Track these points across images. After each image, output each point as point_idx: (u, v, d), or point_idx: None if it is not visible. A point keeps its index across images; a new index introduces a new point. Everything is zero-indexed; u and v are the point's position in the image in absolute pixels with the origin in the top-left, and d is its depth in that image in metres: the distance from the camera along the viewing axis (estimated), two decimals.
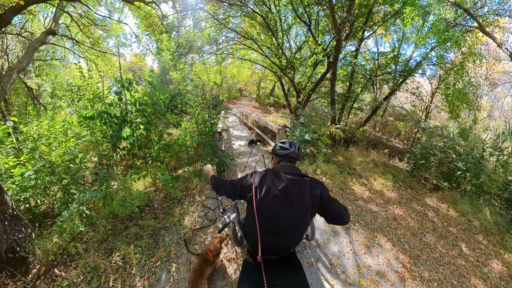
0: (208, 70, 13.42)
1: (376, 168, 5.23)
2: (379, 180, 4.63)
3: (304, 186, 1.23)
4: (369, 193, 3.99)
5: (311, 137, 4.56)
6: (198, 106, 3.73)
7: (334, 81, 6.70)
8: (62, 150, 4.03)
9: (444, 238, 3.17)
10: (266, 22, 7.21)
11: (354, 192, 3.94)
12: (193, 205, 3.12)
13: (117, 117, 3.11)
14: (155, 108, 3.23)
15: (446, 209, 4.09)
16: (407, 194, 4.36)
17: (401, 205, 3.85)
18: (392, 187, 4.49)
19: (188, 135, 3.61)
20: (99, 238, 2.69)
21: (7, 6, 3.80)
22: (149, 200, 3.37)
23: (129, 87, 3.33)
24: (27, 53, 6.11)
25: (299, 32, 11.09)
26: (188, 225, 2.70)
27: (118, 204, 2.86)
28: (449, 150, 5.41)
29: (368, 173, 4.86)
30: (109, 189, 2.91)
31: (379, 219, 3.26)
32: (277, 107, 21.30)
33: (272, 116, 16.78)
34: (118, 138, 2.83)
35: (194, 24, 8.45)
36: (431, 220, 3.61)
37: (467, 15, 7.61)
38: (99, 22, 9.34)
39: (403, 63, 9.34)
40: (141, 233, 2.65)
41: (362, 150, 6.90)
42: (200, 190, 3.52)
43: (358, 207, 3.50)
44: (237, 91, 29.55)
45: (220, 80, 18.05)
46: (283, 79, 10.69)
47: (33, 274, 2.12)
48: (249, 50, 10.44)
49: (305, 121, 5.56)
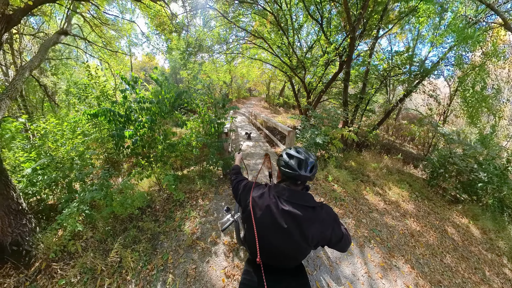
0: (218, 70, 13.38)
1: (391, 176, 4.92)
2: (394, 189, 4.33)
3: (311, 227, 0.98)
4: (384, 204, 3.72)
5: (322, 140, 4.33)
6: (205, 105, 3.60)
7: (348, 81, 6.40)
8: (69, 147, 4.05)
9: (466, 260, 2.88)
10: (277, 20, 7.01)
11: (368, 203, 3.68)
12: (195, 209, 2.98)
13: (121, 116, 3.04)
14: (160, 107, 3.13)
15: (467, 225, 3.77)
16: (424, 206, 4.05)
17: (419, 219, 3.56)
18: (409, 197, 4.19)
19: (194, 135, 3.48)
20: (98, 238, 2.64)
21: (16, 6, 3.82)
22: (151, 201, 3.27)
23: (134, 85, 3.26)
24: (39, 52, 6.21)
25: (310, 31, 10.82)
26: (188, 231, 2.56)
27: (118, 205, 2.79)
28: (470, 159, 4.99)
29: (382, 180, 4.57)
30: (109, 190, 2.83)
31: (396, 235, 3.00)
32: (286, 107, 21.01)
33: (281, 116, 16.56)
34: (120, 137, 2.73)
35: (204, 23, 8.39)
36: (450, 237, 3.32)
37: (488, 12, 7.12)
38: (110, 22, 9.48)
39: (419, 63, 8.86)
40: (140, 237, 2.54)
41: (375, 155, 6.57)
42: (204, 194, 3.38)
43: (373, 220, 3.24)
44: (247, 90, 29.47)
45: (230, 80, 17.99)
46: (293, 79, 10.45)
47: (35, 267, 2.14)
48: (259, 49, 10.28)
49: (316, 122, 5.33)
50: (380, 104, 11.24)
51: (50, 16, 9.60)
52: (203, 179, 3.61)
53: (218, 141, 3.64)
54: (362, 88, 7.36)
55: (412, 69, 8.58)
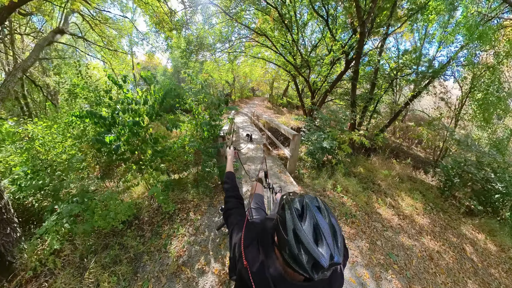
0: (220, 69, 13.08)
1: (402, 184, 4.54)
2: (407, 200, 3.97)
3: None
4: (398, 219, 3.36)
5: (330, 145, 3.95)
6: (199, 105, 3.27)
7: (356, 80, 5.99)
8: (59, 150, 3.82)
9: (488, 286, 2.53)
10: (280, 16, 6.65)
11: (381, 218, 3.33)
12: (185, 224, 2.67)
13: (104, 118, 2.74)
14: (147, 108, 2.83)
15: (484, 241, 3.42)
16: (440, 220, 3.68)
17: (436, 236, 3.21)
18: (423, 210, 3.82)
19: (187, 139, 3.17)
20: (79, 254, 2.39)
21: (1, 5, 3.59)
22: (140, 211, 2.98)
23: (122, 84, 2.98)
24: (33, 52, 6.02)
25: (315, 30, 10.44)
26: (174, 253, 2.24)
27: (100, 219, 2.51)
28: (486, 168, 4.56)
29: (394, 190, 4.20)
30: (90, 202, 2.54)
31: (414, 260, 2.63)
32: (290, 107, 20.59)
33: (284, 117, 16.18)
34: (100, 142, 2.44)
35: (205, 19, 8.08)
36: (470, 257, 2.97)
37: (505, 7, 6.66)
38: (110, 21, 9.28)
39: (427, 63, 8.39)
40: (122, 256, 2.24)
41: (384, 159, 6.16)
42: (197, 205, 3.06)
43: (388, 241, 2.88)
44: (250, 90, 29.13)
45: (232, 79, 17.68)
46: (297, 78, 10.09)
47: (17, 281, 1.98)
48: (262, 47, 9.95)
49: (322, 124, 4.96)
50: (385, 105, 10.75)
51: (51, 16, 9.46)
52: (197, 188, 3.29)
53: (213, 146, 3.30)
54: (370, 88, 6.93)
55: (420, 70, 8.15)
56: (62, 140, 4.01)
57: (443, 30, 9.13)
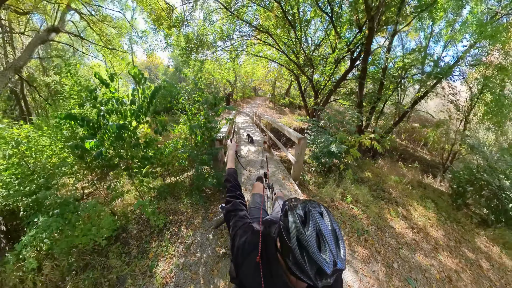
0: (221, 68, 12.79)
1: (413, 190, 4.22)
2: (420, 210, 3.67)
3: None
4: (412, 233, 3.05)
5: (338, 149, 3.63)
6: (193, 105, 2.97)
7: (364, 79, 5.60)
8: (48, 153, 3.60)
9: None
10: (284, 11, 6.33)
11: (395, 233, 3.02)
12: (175, 241, 2.38)
13: (87, 121, 2.48)
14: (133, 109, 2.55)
15: (499, 255, 3.17)
16: (453, 232, 3.40)
17: (452, 252, 2.94)
18: (436, 221, 3.52)
19: (180, 142, 2.89)
20: (59, 273, 2.15)
21: None
22: (128, 222, 2.71)
23: (109, 83, 2.71)
24: (25, 51, 5.81)
25: (318, 28, 10.11)
26: (159, 279, 1.95)
27: (81, 234, 2.26)
28: (501, 175, 4.24)
29: (405, 198, 3.88)
30: (70, 216, 2.28)
31: (434, 284, 2.33)
32: (292, 108, 20.25)
33: (287, 117, 15.87)
34: (79, 148, 2.17)
35: (205, 16, 7.79)
36: (487, 275, 2.71)
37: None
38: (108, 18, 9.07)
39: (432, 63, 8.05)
40: (103, 279, 1.98)
41: (391, 163, 5.84)
42: (190, 218, 2.76)
43: (404, 261, 2.57)
44: (252, 90, 28.82)
45: (234, 78, 17.37)
46: (300, 78, 9.78)
47: None
48: (264, 46, 9.66)
49: (328, 125, 4.64)
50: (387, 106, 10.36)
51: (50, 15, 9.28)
52: (190, 197, 3.01)
53: (207, 151, 3.00)
54: (379, 87, 6.57)
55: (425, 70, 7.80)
56: (51, 144, 3.78)
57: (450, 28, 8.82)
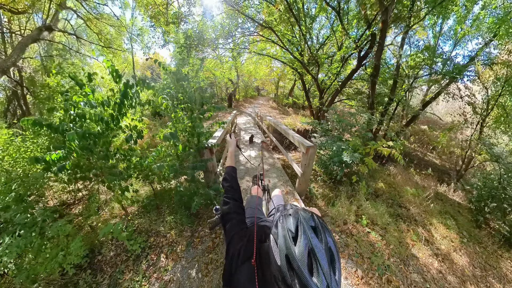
0: (223, 66, 12.39)
1: (431, 203, 3.74)
2: (441, 230, 3.20)
3: None
4: (437, 263, 2.58)
5: (351, 159, 3.12)
6: (177, 107, 2.53)
7: (377, 77, 5.07)
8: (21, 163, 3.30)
9: None
10: (288, 4, 5.89)
11: (419, 264, 2.54)
12: (151, 275, 1.97)
13: (55, 128, 2.11)
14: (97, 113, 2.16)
15: None
16: (478, 257, 2.94)
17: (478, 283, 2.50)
18: (459, 242, 3.07)
19: (163, 152, 2.50)
20: None
21: None
22: (104, 243, 2.34)
23: (83, 84, 2.34)
24: (14, 51, 5.54)
25: (324, 25, 9.64)
26: None
27: (46, 261, 1.91)
28: None
29: (424, 214, 3.41)
30: (35, 239, 1.93)
31: None
32: (295, 108, 19.77)
33: (290, 118, 15.39)
34: (37, 162, 1.81)
35: (204, 10, 7.42)
36: None
37: None
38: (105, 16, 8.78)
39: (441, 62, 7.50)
40: None
41: (403, 170, 5.35)
42: (172, 243, 2.31)
43: None
44: (255, 90, 28.36)
45: (236, 77, 16.95)
46: (304, 77, 9.34)
47: None
48: (267, 43, 9.23)
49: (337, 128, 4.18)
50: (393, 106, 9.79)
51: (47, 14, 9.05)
52: (175, 215, 2.58)
53: (192, 164, 2.49)
54: (392, 87, 6.05)
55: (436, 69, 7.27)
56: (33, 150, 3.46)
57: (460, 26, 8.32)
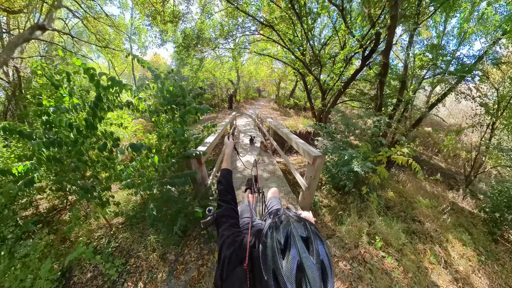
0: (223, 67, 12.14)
1: (444, 216, 3.43)
2: (457, 247, 2.90)
3: None
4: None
5: (362, 169, 2.79)
6: (161, 110, 2.21)
7: (385, 76, 4.75)
8: None
9: None
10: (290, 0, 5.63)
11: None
12: None
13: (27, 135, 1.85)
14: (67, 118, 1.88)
15: None
16: (497, 278, 2.63)
17: None
18: (477, 262, 2.78)
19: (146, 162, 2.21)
20: None
21: None
22: (82, 263, 2.08)
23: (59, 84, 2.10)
24: (3, 51, 5.34)
25: (327, 24, 9.37)
26: None
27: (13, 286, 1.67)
28: None
29: (439, 228, 3.09)
30: (3, 260, 1.68)
31: None
32: (297, 109, 19.49)
33: (292, 119, 15.11)
34: (3, 175, 1.56)
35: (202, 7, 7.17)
36: None
37: None
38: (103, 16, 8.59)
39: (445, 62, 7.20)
40: None
41: (412, 177, 5.04)
42: (153, 268, 2.00)
43: None
44: (256, 91, 28.13)
45: (236, 78, 16.70)
46: (306, 77, 9.07)
47: None
48: (268, 43, 8.98)
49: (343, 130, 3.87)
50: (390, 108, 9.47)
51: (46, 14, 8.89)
52: (158, 234, 2.22)
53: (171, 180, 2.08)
54: (400, 88, 5.72)
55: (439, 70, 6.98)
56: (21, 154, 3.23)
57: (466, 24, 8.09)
